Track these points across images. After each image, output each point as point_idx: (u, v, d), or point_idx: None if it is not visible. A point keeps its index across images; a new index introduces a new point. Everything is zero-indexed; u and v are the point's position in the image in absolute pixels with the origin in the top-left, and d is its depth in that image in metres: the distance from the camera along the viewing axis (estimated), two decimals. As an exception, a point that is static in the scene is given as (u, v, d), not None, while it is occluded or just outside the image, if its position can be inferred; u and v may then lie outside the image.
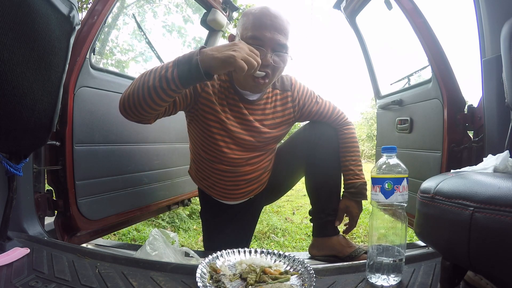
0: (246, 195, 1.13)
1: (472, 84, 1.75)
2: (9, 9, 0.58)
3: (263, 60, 0.84)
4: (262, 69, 0.86)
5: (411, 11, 1.42)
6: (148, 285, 0.63)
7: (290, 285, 0.63)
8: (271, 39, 0.85)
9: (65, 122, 1.12)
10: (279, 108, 1.04)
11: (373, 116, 12.74)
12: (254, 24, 0.85)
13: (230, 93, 0.99)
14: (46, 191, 1.15)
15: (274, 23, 0.85)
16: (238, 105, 0.99)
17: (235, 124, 0.99)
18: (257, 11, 0.87)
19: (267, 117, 1.03)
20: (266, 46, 0.85)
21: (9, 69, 0.61)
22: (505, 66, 0.88)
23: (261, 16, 0.86)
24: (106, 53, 4.69)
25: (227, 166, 1.04)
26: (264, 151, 1.08)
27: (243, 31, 0.87)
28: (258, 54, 0.74)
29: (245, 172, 1.06)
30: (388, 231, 0.64)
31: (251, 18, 0.87)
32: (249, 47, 0.73)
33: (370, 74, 2.12)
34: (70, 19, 0.73)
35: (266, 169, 1.13)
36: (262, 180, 1.14)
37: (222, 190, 1.10)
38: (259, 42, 0.85)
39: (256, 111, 1.01)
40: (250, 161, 1.05)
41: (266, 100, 1.02)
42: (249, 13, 0.89)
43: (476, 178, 0.50)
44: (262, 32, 0.84)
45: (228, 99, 0.98)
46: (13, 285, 0.60)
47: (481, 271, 0.49)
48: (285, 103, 1.04)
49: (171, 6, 5.26)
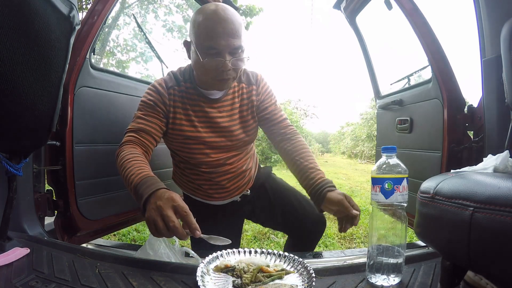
0: (232, 194, 1.14)
1: (472, 84, 1.75)
2: (9, 9, 0.58)
3: (224, 67, 0.88)
4: (225, 74, 0.90)
5: (411, 11, 1.42)
6: (148, 285, 0.63)
7: (290, 285, 0.63)
8: (226, 46, 0.87)
9: (65, 122, 1.12)
10: (246, 101, 1.05)
11: (373, 116, 12.75)
12: (207, 34, 0.86)
13: (194, 97, 1.00)
14: (46, 191, 1.16)
15: (226, 29, 0.86)
16: (204, 110, 1.00)
17: (204, 129, 1.00)
18: (207, 17, 0.87)
19: (235, 111, 1.04)
20: (223, 53, 0.87)
21: (9, 69, 0.61)
22: (505, 66, 0.88)
23: (212, 24, 0.86)
24: (106, 52, 4.70)
25: (207, 169, 1.05)
26: (240, 150, 1.09)
27: (198, 41, 0.88)
28: (173, 232, 0.68)
29: (226, 171, 1.07)
30: (388, 231, 0.64)
31: (202, 28, 0.87)
32: (169, 220, 0.65)
33: (370, 74, 2.12)
34: (70, 19, 0.73)
35: (247, 166, 1.14)
36: (245, 177, 1.14)
37: (208, 191, 1.10)
38: (215, 50, 0.87)
39: (225, 107, 1.02)
40: (229, 161, 1.06)
41: (233, 95, 1.04)
42: (198, 20, 0.88)
43: (476, 178, 0.50)
44: (216, 41, 0.86)
45: (194, 106, 1.00)
46: (13, 285, 0.60)
47: (481, 271, 0.49)
48: (250, 96, 1.06)
49: (172, 6, 5.26)
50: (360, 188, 5.68)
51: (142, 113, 0.95)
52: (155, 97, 0.96)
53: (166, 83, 0.99)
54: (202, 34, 0.87)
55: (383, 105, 1.95)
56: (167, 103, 0.97)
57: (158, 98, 0.96)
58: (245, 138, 1.07)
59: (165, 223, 0.65)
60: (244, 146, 1.09)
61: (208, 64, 0.88)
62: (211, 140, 1.01)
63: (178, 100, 0.99)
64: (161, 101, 0.96)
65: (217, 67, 0.88)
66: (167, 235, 0.66)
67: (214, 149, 1.02)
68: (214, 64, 0.88)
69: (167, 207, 0.66)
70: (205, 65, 0.88)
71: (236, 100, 1.04)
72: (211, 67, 0.88)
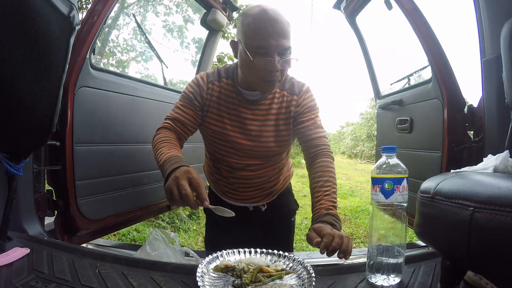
0: (245, 200, 1.12)
1: (472, 84, 1.75)
2: (9, 9, 0.58)
3: (273, 68, 0.87)
4: (273, 75, 0.89)
5: (411, 11, 1.42)
6: (148, 285, 0.63)
7: (290, 285, 0.63)
8: (276, 46, 0.87)
9: (65, 122, 1.12)
10: (283, 110, 1.02)
11: (373, 116, 12.75)
12: (257, 33, 0.86)
13: (232, 94, 1.00)
14: (46, 191, 1.16)
15: (277, 29, 0.86)
16: (237, 109, 1.00)
17: (232, 128, 1.00)
18: (257, 17, 0.87)
19: (270, 117, 1.01)
20: (272, 53, 0.87)
21: (9, 69, 0.61)
22: (505, 66, 0.89)
23: (263, 23, 0.86)
24: (106, 52, 4.70)
25: (226, 167, 1.05)
26: (265, 160, 1.05)
27: (247, 40, 0.88)
28: (185, 200, 0.75)
29: (243, 176, 1.05)
30: (388, 231, 0.64)
31: (252, 27, 0.87)
32: (182, 189, 0.74)
33: (370, 74, 2.12)
34: (70, 19, 0.73)
35: (269, 179, 1.09)
36: (264, 190, 1.11)
37: (223, 188, 1.11)
38: (265, 50, 0.87)
39: (260, 111, 1.01)
40: (250, 167, 1.04)
41: (272, 101, 1.01)
42: (248, 19, 0.88)
43: (476, 178, 0.50)
44: (267, 40, 0.86)
45: (228, 103, 1.00)
46: (13, 285, 0.60)
47: (481, 271, 0.49)
48: (289, 106, 1.02)
49: (171, 6, 5.26)
50: (360, 188, 5.69)
51: (181, 104, 1.00)
52: (194, 89, 1.00)
53: (207, 76, 1.02)
54: (251, 34, 0.87)
55: (383, 105, 1.95)
56: (204, 96, 1.00)
57: (197, 90, 1.00)
58: (274, 148, 1.02)
59: (179, 192, 0.73)
60: (271, 157, 1.05)
61: (257, 64, 0.87)
62: (236, 140, 1.00)
63: (215, 95, 1.00)
64: (199, 94, 1.00)
65: (265, 67, 0.88)
66: (180, 203, 0.75)
67: (237, 150, 1.01)
68: (263, 64, 0.87)
69: (183, 178, 0.75)
70: (254, 65, 0.88)
71: (274, 106, 1.01)
72: (260, 66, 0.88)
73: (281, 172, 1.13)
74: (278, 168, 1.11)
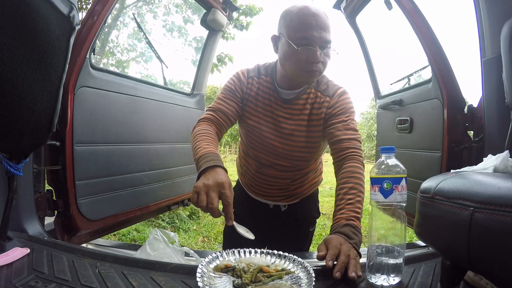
0: (267, 197, 1.14)
1: (472, 84, 1.75)
2: (9, 9, 0.58)
3: (315, 58, 0.90)
4: (314, 66, 0.92)
5: (411, 11, 1.42)
6: (148, 285, 0.63)
7: (290, 284, 0.63)
8: (318, 38, 0.90)
9: (65, 122, 1.12)
10: (316, 111, 1.01)
11: (373, 116, 12.77)
12: (300, 25, 0.90)
13: (269, 91, 1.03)
14: (46, 191, 1.16)
15: (319, 22, 0.90)
16: (272, 107, 1.03)
17: (266, 123, 1.03)
18: (299, 11, 0.91)
19: (303, 117, 1.01)
20: (314, 45, 0.90)
21: (9, 69, 0.61)
22: (505, 66, 0.88)
23: (305, 16, 0.90)
24: (106, 52, 4.69)
25: (254, 161, 1.10)
26: (292, 163, 1.05)
27: (290, 32, 0.91)
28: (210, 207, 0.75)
29: (269, 174, 1.08)
30: (388, 231, 0.64)
31: (295, 20, 0.91)
32: (209, 202, 0.73)
33: (370, 74, 2.12)
34: (70, 19, 0.73)
35: (294, 182, 1.10)
36: (286, 191, 1.12)
37: (248, 180, 1.15)
38: (308, 41, 0.89)
39: (294, 111, 1.02)
40: (276, 166, 1.06)
41: (306, 101, 1.01)
42: (290, 14, 0.93)
43: (476, 178, 0.50)
44: (309, 32, 0.89)
45: (264, 99, 1.03)
46: (13, 285, 0.60)
47: (481, 271, 0.49)
48: (321, 107, 1.01)
49: (171, 6, 5.26)
50: (360, 188, 5.68)
51: (223, 96, 1.03)
52: (235, 83, 1.04)
53: (248, 72, 1.07)
54: (295, 26, 0.91)
55: (383, 105, 1.95)
56: (244, 90, 1.05)
57: (238, 84, 1.04)
58: (303, 149, 1.02)
59: (207, 203, 0.74)
60: (299, 160, 1.05)
61: (301, 53, 0.90)
62: (268, 136, 1.03)
63: (254, 90, 1.04)
64: (240, 87, 1.04)
65: (308, 57, 0.90)
66: (204, 211, 0.75)
67: (267, 147, 1.04)
68: (306, 54, 0.90)
69: (214, 190, 0.74)
70: (297, 54, 0.90)
71: (308, 106, 1.01)
72: (302, 56, 0.90)
73: (306, 177, 1.14)
74: (304, 173, 1.11)
